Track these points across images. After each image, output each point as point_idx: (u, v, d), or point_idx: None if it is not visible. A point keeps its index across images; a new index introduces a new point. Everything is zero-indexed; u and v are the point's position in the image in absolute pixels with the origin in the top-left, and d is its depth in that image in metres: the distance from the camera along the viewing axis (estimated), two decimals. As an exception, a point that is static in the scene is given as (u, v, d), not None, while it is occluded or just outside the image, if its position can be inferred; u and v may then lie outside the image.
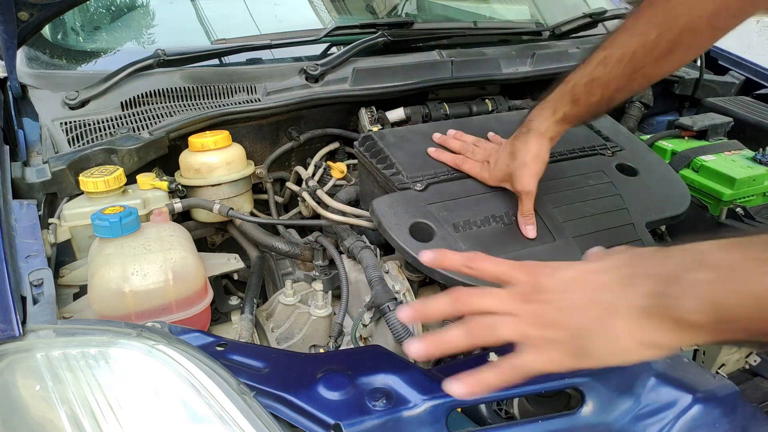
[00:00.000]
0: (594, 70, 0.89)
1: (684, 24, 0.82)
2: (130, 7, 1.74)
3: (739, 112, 1.49)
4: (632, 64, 0.86)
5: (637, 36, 0.85)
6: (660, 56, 0.85)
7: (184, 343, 0.71)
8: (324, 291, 1.08)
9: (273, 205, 1.37)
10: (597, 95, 0.90)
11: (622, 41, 0.87)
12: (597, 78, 0.89)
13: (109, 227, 0.90)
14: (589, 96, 0.91)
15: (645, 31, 0.85)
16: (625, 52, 0.86)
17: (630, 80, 0.88)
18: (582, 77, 0.91)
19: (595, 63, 0.89)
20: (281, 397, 0.69)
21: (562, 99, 0.93)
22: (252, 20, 1.64)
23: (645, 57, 0.85)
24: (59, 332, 0.72)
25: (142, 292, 0.88)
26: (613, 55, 0.87)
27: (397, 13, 1.99)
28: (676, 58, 0.86)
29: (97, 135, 1.16)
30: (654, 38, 0.84)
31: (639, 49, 0.85)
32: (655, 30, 0.84)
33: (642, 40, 0.85)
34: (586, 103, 0.92)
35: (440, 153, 1.11)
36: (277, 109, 1.28)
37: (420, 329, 0.99)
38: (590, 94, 0.91)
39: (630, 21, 0.87)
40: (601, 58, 0.89)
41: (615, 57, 0.87)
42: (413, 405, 0.70)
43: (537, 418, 0.73)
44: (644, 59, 0.86)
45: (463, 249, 0.95)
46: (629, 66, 0.87)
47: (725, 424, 0.71)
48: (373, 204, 1.01)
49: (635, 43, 0.86)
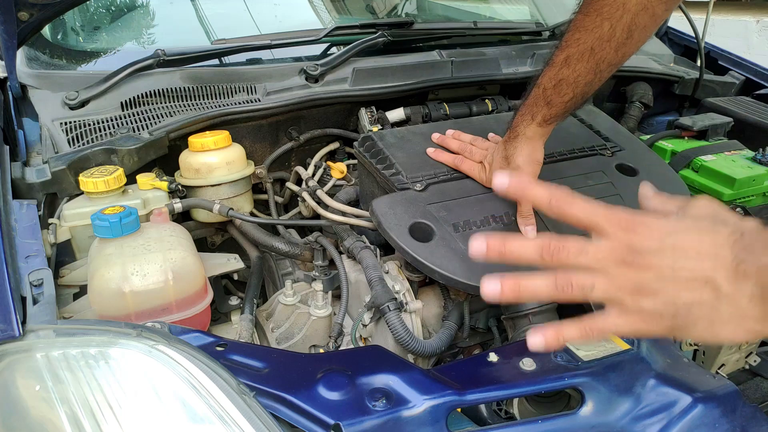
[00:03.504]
0: (559, 72, 0.91)
1: (635, 8, 0.83)
2: (130, 7, 1.74)
3: (739, 112, 1.49)
4: (594, 58, 0.88)
5: (591, 31, 0.87)
6: (619, 44, 0.86)
7: (184, 343, 0.71)
8: (324, 291, 1.08)
9: (273, 205, 1.37)
10: (569, 94, 0.92)
11: (577, 39, 0.89)
12: (564, 79, 0.91)
13: (109, 227, 0.90)
14: (561, 96, 0.93)
15: (597, 24, 0.86)
16: (584, 49, 0.88)
17: (596, 73, 0.90)
18: (550, 80, 0.93)
19: (558, 65, 0.91)
20: (281, 397, 0.69)
21: (536, 103, 0.95)
22: (252, 20, 1.64)
23: (604, 49, 0.87)
24: (59, 332, 0.72)
25: (142, 292, 0.88)
26: (573, 54, 0.89)
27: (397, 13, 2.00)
28: (634, 41, 0.87)
29: (97, 135, 1.16)
30: (608, 30, 0.85)
31: (596, 42, 0.87)
32: (607, 21, 0.85)
33: (596, 34, 0.86)
34: (560, 103, 0.93)
35: (439, 153, 1.11)
36: (277, 109, 1.28)
37: (420, 329, 0.99)
38: (561, 95, 0.92)
39: (579, 18, 0.89)
40: (563, 59, 0.91)
41: (575, 56, 0.89)
42: (413, 405, 0.70)
43: (537, 418, 0.73)
44: (603, 51, 0.87)
45: (463, 249, 0.95)
46: (591, 61, 0.88)
47: (725, 424, 0.71)
48: (373, 204, 1.01)
49: (591, 38, 0.87)
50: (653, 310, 0.54)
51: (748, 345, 0.90)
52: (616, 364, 0.76)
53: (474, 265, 0.94)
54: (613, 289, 0.55)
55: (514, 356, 0.78)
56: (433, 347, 0.95)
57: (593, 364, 0.76)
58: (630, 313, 0.55)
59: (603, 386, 0.74)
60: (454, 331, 1.00)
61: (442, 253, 0.94)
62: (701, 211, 0.57)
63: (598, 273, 0.56)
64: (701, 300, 0.52)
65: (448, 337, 0.99)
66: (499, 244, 0.59)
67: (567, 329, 0.58)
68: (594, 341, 0.57)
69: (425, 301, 1.04)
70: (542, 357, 0.78)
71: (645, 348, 0.79)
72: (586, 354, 0.78)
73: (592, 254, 0.56)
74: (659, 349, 0.78)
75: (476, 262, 0.94)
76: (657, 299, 0.54)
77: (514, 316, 1.00)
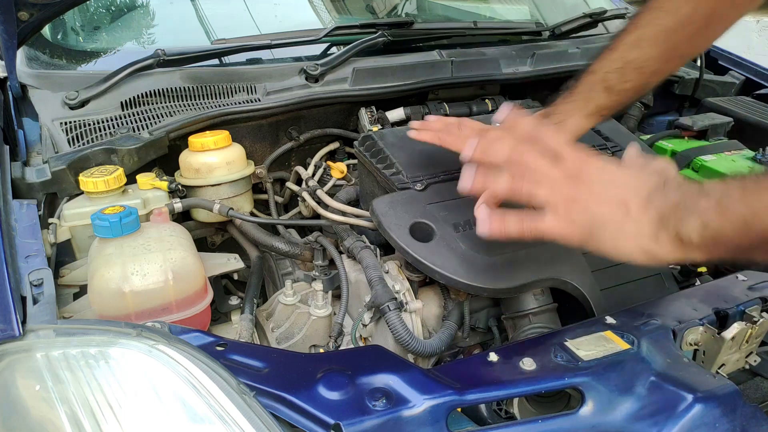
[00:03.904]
0: (626, 54, 0.85)
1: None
2: (130, 7, 1.74)
3: (739, 112, 1.49)
4: (668, 42, 0.83)
5: (670, 12, 0.82)
6: (695, 31, 0.82)
7: (184, 342, 0.71)
8: (324, 291, 1.08)
9: (273, 205, 1.37)
10: (632, 80, 0.86)
11: (651, 20, 0.83)
12: (631, 61, 0.85)
13: (109, 227, 0.90)
14: (623, 82, 0.86)
15: (677, 6, 0.81)
16: (659, 30, 0.82)
17: (666, 61, 0.85)
18: (613, 63, 0.86)
19: (626, 47, 0.85)
20: (281, 397, 0.69)
21: (593, 89, 0.89)
22: (252, 20, 1.64)
23: (680, 33, 0.82)
24: (59, 332, 0.72)
25: (142, 292, 0.88)
26: (646, 35, 0.83)
27: (397, 13, 2.00)
28: (710, 33, 0.84)
29: (97, 135, 1.16)
30: (688, 13, 0.81)
31: (673, 25, 0.82)
32: (688, 4, 0.81)
33: (675, 16, 0.81)
34: (620, 91, 0.87)
35: (421, 134, 1.03)
36: (277, 109, 1.28)
37: (420, 329, 0.99)
38: (624, 81, 0.86)
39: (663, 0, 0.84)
40: (632, 41, 0.84)
41: (648, 37, 0.83)
42: (413, 405, 0.70)
43: (537, 418, 0.73)
44: (679, 36, 0.82)
45: (463, 249, 0.95)
46: (665, 45, 0.83)
47: (725, 424, 0.71)
48: (373, 204, 1.01)
49: (669, 20, 0.82)
50: (577, 218, 0.67)
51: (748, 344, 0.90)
52: (616, 364, 0.76)
53: (474, 265, 0.94)
54: (555, 194, 0.68)
55: (514, 356, 0.78)
56: (433, 347, 0.95)
57: (593, 363, 0.76)
58: (560, 219, 0.68)
59: (603, 386, 0.74)
60: (454, 331, 1.00)
61: (443, 253, 0.94)
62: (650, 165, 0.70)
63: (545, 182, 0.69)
64: (613, 216, 0.65)
65: (448, 337, 0.99)
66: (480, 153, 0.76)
67: (510, 222, 0.71)
68: (527, 237, 0.70)
69: (425, 301, 1.04)
70: (542, 357, 0.78)
71: (645, 348, 0.79)
72: (586, 354, 0.78)
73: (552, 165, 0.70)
74: (659, 349, 0.79)
75: (476, 263, 0.95)
76: (583, 210, 0.67)
77: (515, 316, 1.00)
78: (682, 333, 0.81)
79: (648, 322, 0.83)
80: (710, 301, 0.88)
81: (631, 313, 0.86)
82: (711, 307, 0.87)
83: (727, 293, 0.92)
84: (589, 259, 1.00)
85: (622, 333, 0.81)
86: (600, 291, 0.98)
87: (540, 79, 1.51)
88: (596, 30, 1.72)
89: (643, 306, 0.89)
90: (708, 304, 0.88)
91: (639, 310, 0.87)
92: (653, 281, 1.02)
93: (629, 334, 0.81)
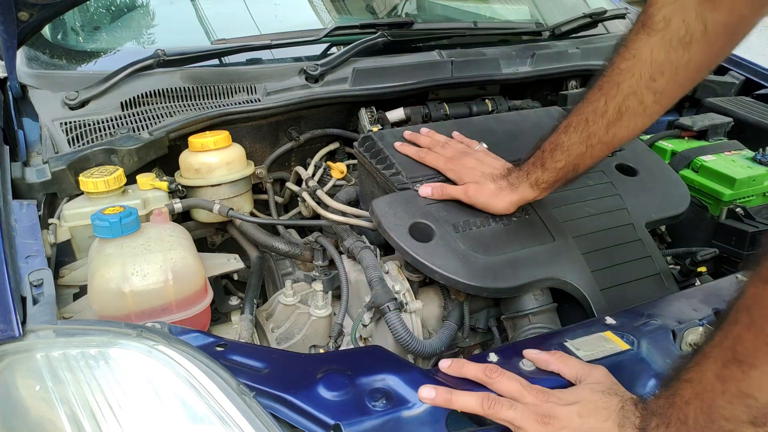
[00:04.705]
0: (558, 137, 0.94)
1: (626, 90, 0.86)
2: (130, 7, 1.74)
3: (739, 112, 1.49)
4: (586, 130, 0.91)
5: (590, 103, 0.90)
6: (610, 122, 0.89)
7: (183, 343, 0.71)
8: (324, 291, 1.08)
9: (273, 206, 1.37)
10: (561, 161, 0.95)
11: (578, 109, 0.92)
12: (560, 144, 0.94)
13: (109, 227, 0.90)
14: (554, 162, 0.95)
15: (596, 98, 0.90)
16: (580, 119, 0.91)
17: (588, 146, 0.92)
18: (549, 144, 0.96)
19: (560, 130, 0.94)
20: (281, 398, 0.69)
21: (534, 163, 0.98)
22: (252, 20, 1.64)
23: (596, 123, 0.90)
24: (59, 332, 0.72)
25: (142, 292, 0.88)
26: (572, 122, 0.92)
27: (397, 13, 1.99)
28: (625, 125, 0.89)
29: (97, 135, 1.16)
30: (603, 105, 0.89)
31: (590, 115, 0.90)
32: (604, 97, 0.89)
33: (593, 107, 0.90)
34: (553, 169, 0.96)
35: (405, 147, 1.13)
36: (277, 109, 1.28)
37: (420, 329, 1.00)
38: (555, 160, 0.95)
39: (586, 91, 0.92)
40: (564, 126, 0.94)
41: (573, 124, 0.92)
42: (413, 405, 0.70)
43: (537, 418, 0.73)
44: (595, 125, 0.90)
45: (463, 249, 0.95)
46: (584, 132, 0.91)
47: (725, 425, 0.71)
48: (373, 204, 1.01)
49: (588, 110, 0.91)
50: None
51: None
52: (616, 364, 0.76)
53: (474, 265, 0.94)
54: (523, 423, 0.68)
55: (514, 356, 0.78)
56: (433, 347, 0.95)
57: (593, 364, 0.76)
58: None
59: (603, 386, 0.74)
60: (454, 331, 1.00)
61: (442, 253, 0.94)
62: (598, 380, 0.72)
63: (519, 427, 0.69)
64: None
65: (448, 337, 0.99)
66: (445, 401, 0.70)
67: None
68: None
69: (425, 301, 1.04)
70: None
71: (645, 348, 0.79)
72: (585, 354, 0.78)
73: (520, 412, 0.69)
74: (659, 350, 0.79)
75: (476, 263, 0.95)
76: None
77: (514, 316, 1.00)
78: (682, 333, 0.81)
79: (648, 323, 0.83)
80: (710, 301, 0.88)
81: (630, 313, 0.86)
82: (711, 308, 0.87)
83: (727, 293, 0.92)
84: (589, 259, 1.00)
85: (622, 333, 0.81)
86: (600, 291, 0.98)
87: (540, 79, 1.52)
88: (596, 30, 1.72)
89: (643, 306, 0.89)
90: (708, 304, 0.88)
91: (639, 310, 0.87)
92: (653, 281, 1.02)
93: (629, 335, 0.81)
